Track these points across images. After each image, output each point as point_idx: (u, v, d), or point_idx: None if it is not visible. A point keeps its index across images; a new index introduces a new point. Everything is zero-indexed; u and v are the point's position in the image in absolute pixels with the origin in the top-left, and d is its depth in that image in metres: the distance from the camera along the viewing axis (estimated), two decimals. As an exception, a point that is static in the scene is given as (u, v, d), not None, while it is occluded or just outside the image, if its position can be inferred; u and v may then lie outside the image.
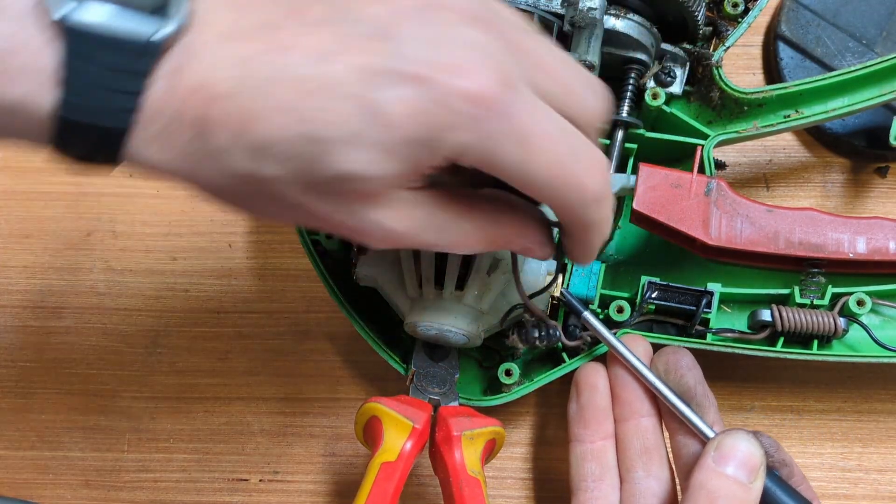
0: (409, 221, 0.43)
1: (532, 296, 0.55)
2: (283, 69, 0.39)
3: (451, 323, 0.56)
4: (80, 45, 0.38)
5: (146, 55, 0.38)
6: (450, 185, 0.45)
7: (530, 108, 0.42)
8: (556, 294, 0.58)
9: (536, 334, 0.57)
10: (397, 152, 0.40)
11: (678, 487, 0.55)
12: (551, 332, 0.57)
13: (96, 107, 0.38)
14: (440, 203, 0.44)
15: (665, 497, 0.55)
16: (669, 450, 0.56)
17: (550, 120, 0.42)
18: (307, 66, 0.40)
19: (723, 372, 0.64)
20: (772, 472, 0.52)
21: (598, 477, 0.56)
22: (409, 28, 0.40)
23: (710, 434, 0.53)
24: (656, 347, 0.62)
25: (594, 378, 0.57)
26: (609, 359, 0.57)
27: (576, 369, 0.58)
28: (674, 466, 0.56)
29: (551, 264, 0.57)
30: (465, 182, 0.47)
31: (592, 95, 0.45)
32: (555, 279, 0.56)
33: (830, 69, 0.66)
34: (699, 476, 0.51)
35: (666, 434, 0.56)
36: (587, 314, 0.56)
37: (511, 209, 0.47)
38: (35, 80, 0.38)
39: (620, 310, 0.59)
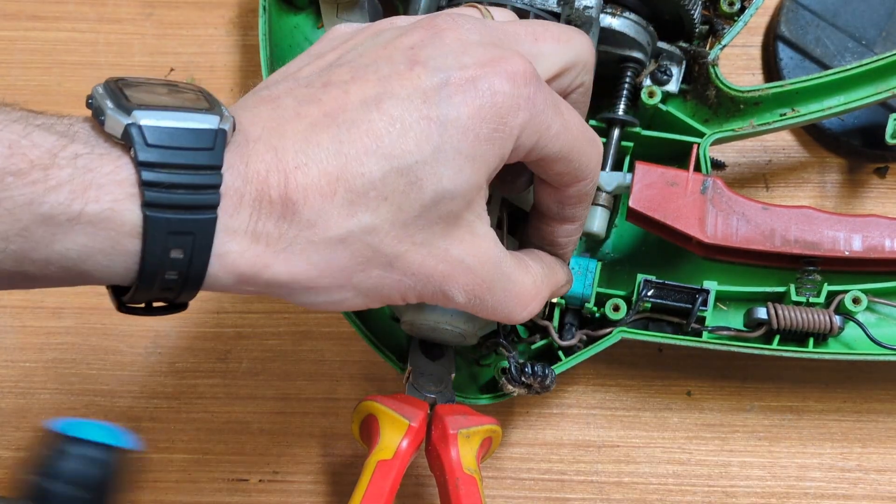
0: (487, 251, 0.45)
1: None
2: (345, 126, 0.41)
3: (447, 320, 0.56)
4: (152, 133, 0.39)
5: (215, 147, 0.39)
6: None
7: (545, 83, 0.45)
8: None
9: (523, 379, 0.56)
10: (475, 154, 0.42)
11: None
12: (536, 369, 0.56)
13: (179, 201, 0.39)
14: (508, 253, 0.47)
15: None
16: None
17: (554, 93, 0.46)
18: (366, 112, 0.41)
19: (722, 372, 0.63)
20: None
21: None
22: (431, 51, 0.43)
23: None
24: (653, 346, 0.62)
25: None
26: None
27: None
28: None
29: None
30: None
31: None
32: None
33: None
34: None
35: None
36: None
37: (553, 256, 0.52)
38: (119, 191, 0.38)
39: (616, 308, 0.59)
